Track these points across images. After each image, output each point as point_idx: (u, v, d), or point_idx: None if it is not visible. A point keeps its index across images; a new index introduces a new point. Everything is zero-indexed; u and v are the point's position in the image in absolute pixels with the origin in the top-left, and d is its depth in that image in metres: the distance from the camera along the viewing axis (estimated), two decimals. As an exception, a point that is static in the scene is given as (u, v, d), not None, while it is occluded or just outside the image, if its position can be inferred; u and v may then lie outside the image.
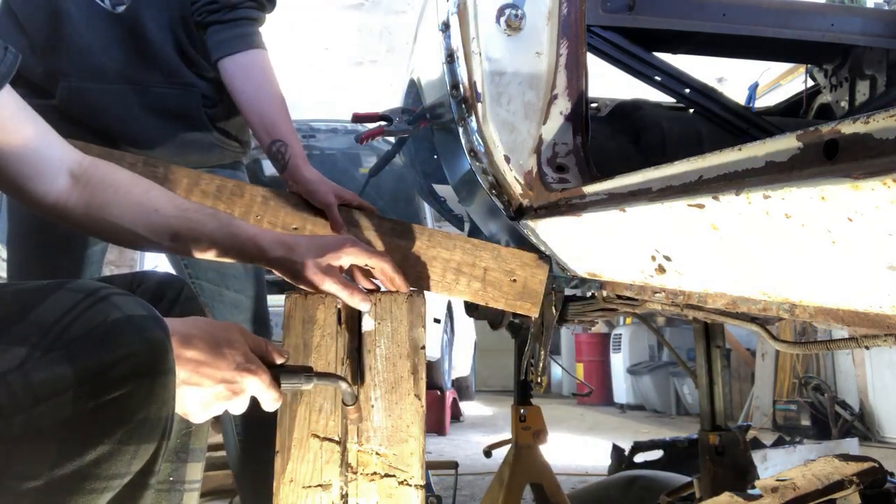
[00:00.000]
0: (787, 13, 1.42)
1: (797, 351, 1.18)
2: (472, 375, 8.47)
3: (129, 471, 0.62)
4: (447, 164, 1.42)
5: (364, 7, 5.08)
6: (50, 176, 0.92)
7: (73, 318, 0.61)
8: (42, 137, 0.91)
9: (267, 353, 0.82)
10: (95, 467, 0.59)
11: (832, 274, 0.61)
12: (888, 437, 5.22)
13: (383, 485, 0.97)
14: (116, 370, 0.60)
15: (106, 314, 0.62)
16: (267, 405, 0.81)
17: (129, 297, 0.66)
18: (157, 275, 0.98)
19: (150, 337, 0.63)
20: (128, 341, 0.61)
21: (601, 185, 0.92)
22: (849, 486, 1.15)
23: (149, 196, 0.97)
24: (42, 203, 0.93)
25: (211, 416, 0.78)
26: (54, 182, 0.93)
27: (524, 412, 2.11)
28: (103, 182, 0.95)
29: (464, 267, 1.15)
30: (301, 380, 0.83)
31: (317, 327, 1.01)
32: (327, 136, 4.34)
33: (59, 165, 0.93)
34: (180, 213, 0.97)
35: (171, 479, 0.90)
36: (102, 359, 0.59)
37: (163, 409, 0.63)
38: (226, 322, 0.81)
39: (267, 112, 1.37)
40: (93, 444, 0.59)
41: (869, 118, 0.48)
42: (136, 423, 0.61)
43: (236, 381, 0.76)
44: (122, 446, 0.61)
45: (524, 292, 1.16)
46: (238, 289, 1.59)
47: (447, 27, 1.13)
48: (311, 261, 0.97)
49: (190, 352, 0.73)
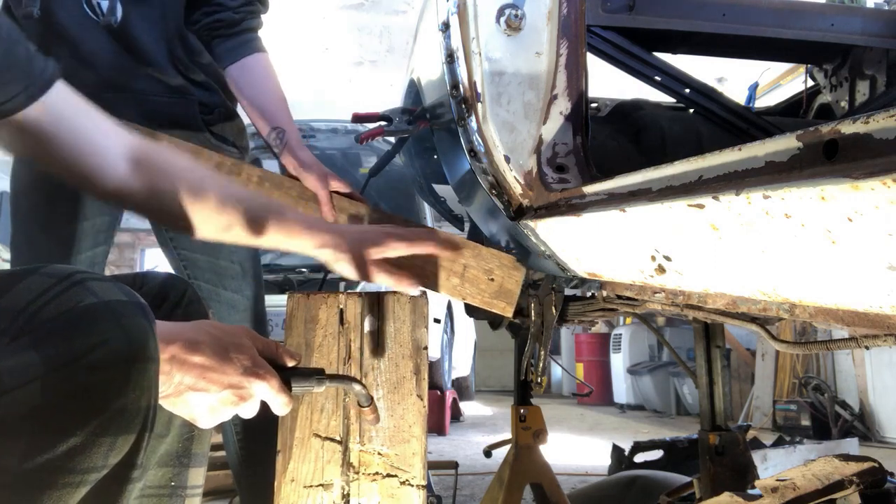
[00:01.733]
0: (787, 13, 1.42)
1: (797, 351, 1.18)
2: (472, 375, 8.47)
3: (106, 463, 0.59)
4: (447, 164, 1.42)
5: (364, 7, 5.08)
6: (110, 163, 0.92)
7: (45, 303, 0.58)
8: (98, 126, 0.92)
9: (277, 355, 0.81)
10: (68, 460, 0.56)
11: (832, 274, 0.61)
12: (888, 437, 5.23)
13: (385, 485, 0.97)
14: (89, 357, 0.56)
15: (79, 299, 0.59)
16: (277, 409, 0.79)
17: (109, 282, 0.63)
18: (161, 275, 0.97)
19: (128, 323, 0.60)
20: (103, 327, 0.58)
21: (601, 185, 0.93)
22: (849, 486, 1.16)
23: (206, 184, 0.97)
24: (105, 189, 0.93)
25: (219, 421, 0.76)
26: (115, 168, 0.93)
27: (524, 412, 2.11)
28: (162, 168, 0.95)
29: (444, 262, 1.16)
30: (313, 383, 0.81)
31: (319, 327, 1.01)
32: (327, 136, 4.34)
33: (118, 151, 0.93)
34: (235, 203, 0.97)
35: (173, 483, 0.90)
36: (74, 345, 0.56)
37: (142, 399, 0.60)
38: (234, 325, 0.80)
39: (267, 106, 1.47)
40: (64, 436, 0.56)
41: (869, 118, 0.48)
42: (112, 414, 0.58)
43: (244, 385, 0.74)
44: (97, 438, 0.57)
45: (500, 292, 1.17)
46: (235, 289, 1.59)
47: (447, 27, 1.13)
48: (358, 253, 0.97)
49: (196, 357, 0.71)
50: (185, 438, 0.90)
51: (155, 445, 0.89)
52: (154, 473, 0.90)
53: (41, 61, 0.83)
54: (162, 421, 0.89)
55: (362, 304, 1.06)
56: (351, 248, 0.97)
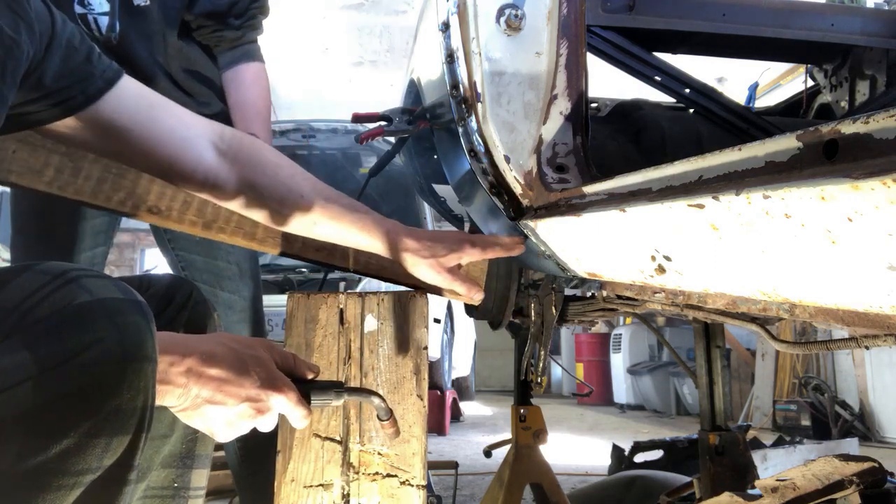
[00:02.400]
0: (787, 13, 1.42)
1: (797, 351, 1.18)
2: (472, 375, 8.47)
3: (100, 465, 0.58)
4: (447, 164, 1.42)
5: (364, 7, 5.09)
6: (195, 152, 0.92)
7: (37, 302, 0.57)
8: (179, 118, 0.92)
9: (295, 368, 0.79)
10: (62, 462, 0.55)
11: (832, 274, 0.61)
12: (888, 437, 5.23)
13: (385, 485, 0.97)
14: (83, 357, 0.55)
15: (73, 297, 0.57)
16: (295, 423, 0.77)
17: (105, 279, 0.61)
18: (167, 278, 0.97)
19: (123, 321, 0.58)
20: (97, 325, 0.57)
21: (601, 185, 0.93)
22: (849, 486, 1.16)
23: (295, 180, 0.97)
24: (193, 179, 0.93)
25: (237, 434, 0.75)
26: (201, 158, 0.93)
27: (524, 412, 2.11)
28: (251, 159, 0.96)
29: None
30: (331, 396, 0.80)
31: (319, 327, 1.02)
32: (327, 136, 4.33)
33: (202, 140, 0.93)
34: (323, 201, 0.97)
35: (176, 485, 0.90)
36: (66, 344, 0.55)
37: (137, 399, 0.59)
38: (252, 338, 0.79)
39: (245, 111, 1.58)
40: (57, 437, 0.54)
41: (869, 118, 0.48)
42: (107, 414, 0.57)
43: (262, 399, 0.73)
44: (92, 439, 0.56)
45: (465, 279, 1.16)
46: (232, 290, 1.60)
47: (447, 27, 1.13)
48: (435, 260, 0.98)
49: (213, 369, 0.70)
50: (188, 440, 0.90)
51: (158, 447, 0.89)
52: (157, 475, 0.90)
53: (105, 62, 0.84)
54: (165, 422, 0.89)
55: (362, 304, 1.06)
56: (432, 253, 0.98)
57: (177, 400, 0.70)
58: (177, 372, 0.69)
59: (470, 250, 1.00)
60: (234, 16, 1.57)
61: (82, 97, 0.81)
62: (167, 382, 0.68)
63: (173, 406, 0.71)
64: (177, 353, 0.69)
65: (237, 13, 1.57)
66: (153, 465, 0.89)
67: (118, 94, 0.85)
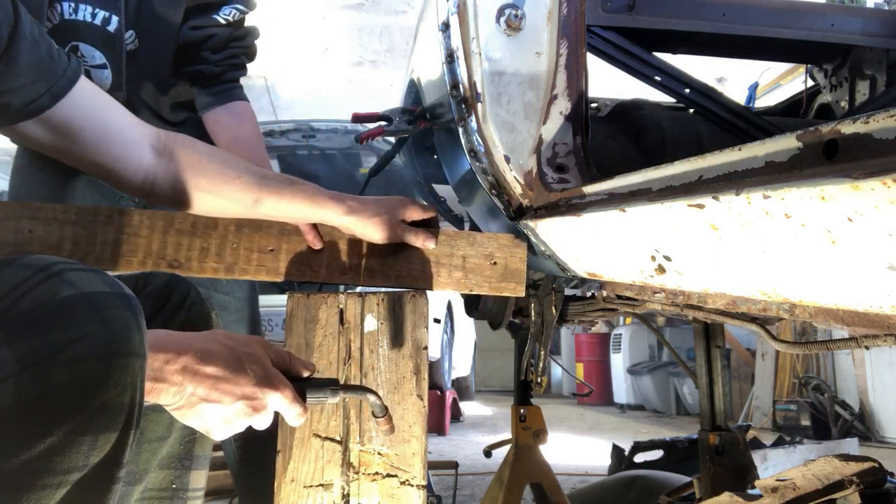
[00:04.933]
0: (787, 13, 1.42)
1: (797, 351, 1.18)
2: (472, 375, 8.47)
3: (87, 463, 0.56)
4: (447, 164, 1.42)
5: (364, 7, 5.08)
6: (135, 154, 0.94)
7: (19, 296, 0.55)
8: (122, 118, 0.93)
9: (291, 366, 0.79)
10: (46, 460, 0.53)
11: (832, 274, 0.61)
12: (888, 437, 5.23)
13: (385, 485, 0.97)
14: (67, 353, 0.54)
15: (56, 291, 0.56)
16: (291, 420, 0.77)
17: (91, 272, 0.60)
18: (164, 276, 0.97)
19: (109, 315, 0.57)
20: (81, 320, 0.55)
21: (601, 185, 0.93)
22: (849, 486, 1.16)
23: (230, 165, 0.99)
24: (132, 182, 0.95)
25: (233, 432, 0.75)
26: (140, 159, 0.94)
27: (524, 412, 2.12)
28: (186, 155, 0.97)
29: (442, 258, 1.14)
30: (327, 393, 0.80)
31: (318, 327, 1.02)
32: (327, 136, 4.33)
33: (142, 142, 0.95)
34: (260, 179, 0.98)
35: (174, 486, 0.89)
36: (49, 340, 0.54)
37: (124, 395, 0.57)
38: (247, 336, 0.79)
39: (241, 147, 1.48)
40: (41, 435, 0.53)
41: (869, 118, 0.48)
42: (92, 411, 0.55)
43: (257, 396, 0.73)
44: (77, 437, 0.55)
45: (506, 273, 1.15)
46: (226, 290, 1.59)
47: (447, 27, 1.13)
48: (382, 217, 1.01)
49: (209, 367, 0.70)
50: (186, 441, 0.90)
51: (156, 448, 0.89)
52: (155, 476, 0.90)
53: (64, 59, 0.84)
54: (163, 424, 0.89)
55: (362, 304, 1.06)
56: (376, 212, 1.01)
57: (172, 398, 0.70)
58: (172, 370, 0.68)
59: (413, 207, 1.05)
60: (211, 49, 1.50)
61: (48, 96, 0.81)
62: (162, 380, 0.68)
63: (168, 404, 0.71)
64: (172, 350, 0.69)
65: (213, 47, 1.51)
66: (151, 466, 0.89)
67: (77, 93, 0.85)
